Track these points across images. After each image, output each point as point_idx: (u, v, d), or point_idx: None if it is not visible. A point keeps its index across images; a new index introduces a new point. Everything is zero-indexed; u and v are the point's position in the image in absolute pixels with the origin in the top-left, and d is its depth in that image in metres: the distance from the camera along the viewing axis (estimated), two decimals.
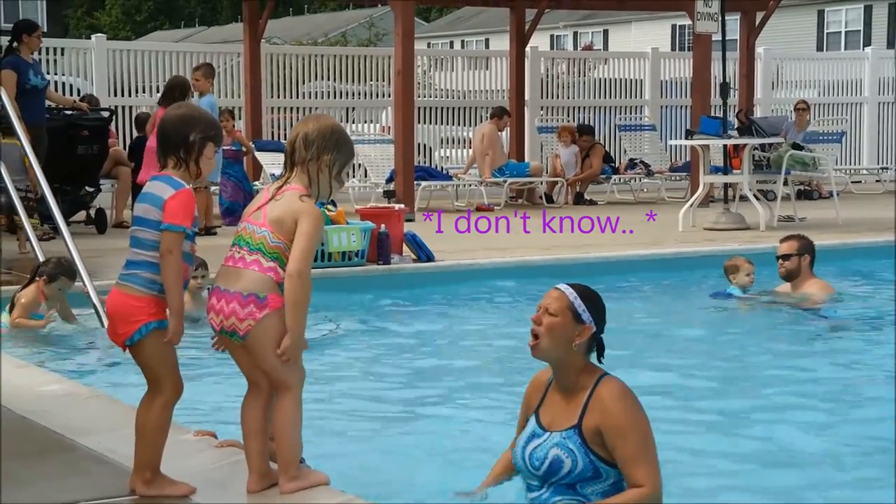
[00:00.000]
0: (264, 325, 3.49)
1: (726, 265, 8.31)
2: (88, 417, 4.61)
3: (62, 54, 14.94)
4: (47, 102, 11.28)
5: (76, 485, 3.78)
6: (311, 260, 3.52)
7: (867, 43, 28.69)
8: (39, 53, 13.29)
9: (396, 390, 6.07)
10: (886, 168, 18.51)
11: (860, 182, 18.38)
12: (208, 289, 7.45)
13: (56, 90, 13.50)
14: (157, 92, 13.21)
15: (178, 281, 3.56)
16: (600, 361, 3.74)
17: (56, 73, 14.42)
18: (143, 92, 15.19)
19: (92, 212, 11.70)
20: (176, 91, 11.29)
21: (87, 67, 14.95)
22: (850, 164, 18.73)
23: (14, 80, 10.42)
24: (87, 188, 11.70)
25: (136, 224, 3.64)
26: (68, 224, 8.30)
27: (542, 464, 3.65)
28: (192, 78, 11.78)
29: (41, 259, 7.55)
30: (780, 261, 8.02)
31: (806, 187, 15.68)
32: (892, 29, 32.73)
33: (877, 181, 18.24)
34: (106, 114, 12.27)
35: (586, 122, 16.94)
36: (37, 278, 7.09)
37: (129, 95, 15.10)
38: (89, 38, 15.58)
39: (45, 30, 13.15)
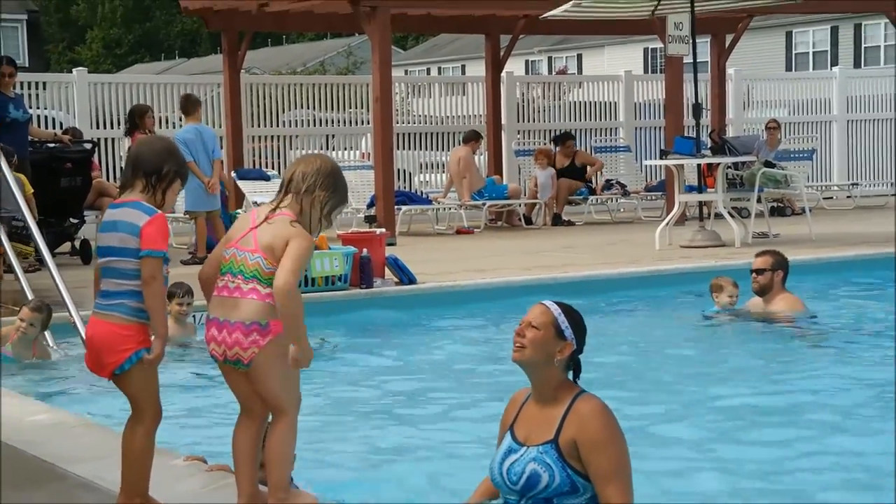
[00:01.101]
0: (268, 350, 3.54)
1: (711, 284, 8.39)
2: (77, 446, 4.65)
3: (44, 88, 15.09)
4: (30, 137, 11.43)
5: None
6: (298, 276, 3.53)
7: (834, 62, 29.09)
8: (21, 88, 13.45)
9: (382, 411, 6.13)
10: (856, 184, 18.81)
11: (831, 198, 18.66)
12: (193, 315, 7.66)
13: (39, 124, 13.67)
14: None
15: (162, 305, 3.62)
16: (576, 381, 3.75)
17: (38, 107, 14.57)
18: (126, 124, 15.33)
19: (77, 243, 11.79)
20: (135, 116, 11.75)
21: (69, 101, 15.11)
22: (821, 180, 19.03)
23: None
24: (71, 220, 11.81)
25: (111, 255, 3.63)
26: (53, 255, 8.37)
27: (519, 478, 3.65)
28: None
29: (25, 288, 7.63)
30: (754, 275, 8.12)
31: (779, 204, 15.91)
32: (858, 48, 33.25)
33: (847, 197, 18.52)
34: (88, 146, 12.40)
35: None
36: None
37: (112, 127, 15.25)
38: (71, 72, 15.76)
39: (28, 65, 13.30)
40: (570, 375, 3.75)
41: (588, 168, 16.20)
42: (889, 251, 11.23)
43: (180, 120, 15.94)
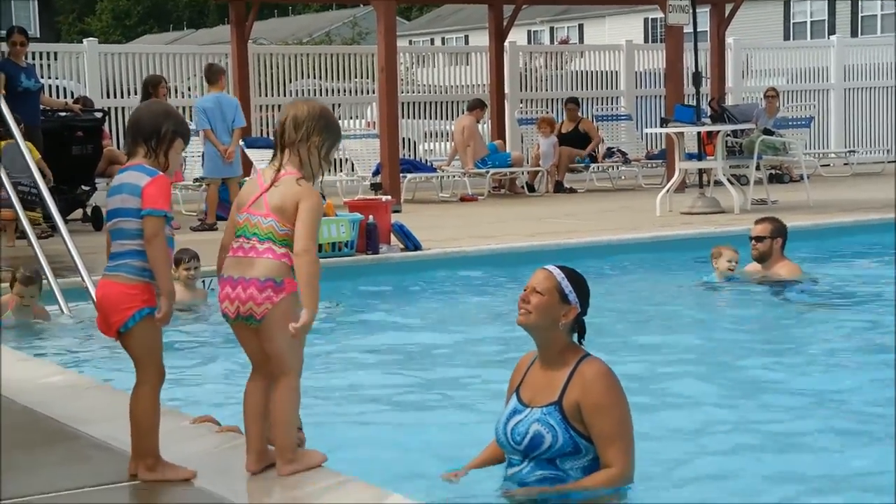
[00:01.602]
0: (281, 307, 3.56)
1: (712, 251, 8.43)
2: (90, 407, 4.66)
3: (55, 59, 15.27)
4: (42, 106, 11.63)
5: (80, 472, 3.83)
6: (315, 237, 3.59)
7: (832, 32, 29.17)
8: (33, 58, 13.64)
9: (389, 376, 6.16)
10: (853, 151, 18.97)
11: (829, 165, 18.83)
12: (202, 280, 7.85)
13: (50, 93, 13.85)
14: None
15: (166, 263, 3.61)
16: (581, 342, 3.79)
17: (50, 77, 14.74)
18: (135, 94, 15.53)
19: (88, 210, 11.98)
20: (149, 86, 11.85)
21: (79, 71, 15.27)
22: (819, 148, 19.19)
23: (2, 82, 10.57)
24: (82, 187, 11.99)
25: (115, 216, 3.67)
26: (66, 222, 8.46)
27: (523, 439, 3.70)
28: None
29: (39, 254, 7.77)
30: (754, 242, 8.17)
31: (777, 171, 16.10)
32: (855, 18, 33.31)
33: (845, 164, 18.68)
34: (99, 115, 12.60)
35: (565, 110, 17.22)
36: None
37: (122, 97, 15.43)
38: (81, 43, 15.93)
39: (39, 35, 13.48)
40: (575, 337, 3.80)
41: (589, 138, 16.38)
42: (885, 217, 11.46)
43: (188, 90, 16.22)
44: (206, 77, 12.28)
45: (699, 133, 12.80)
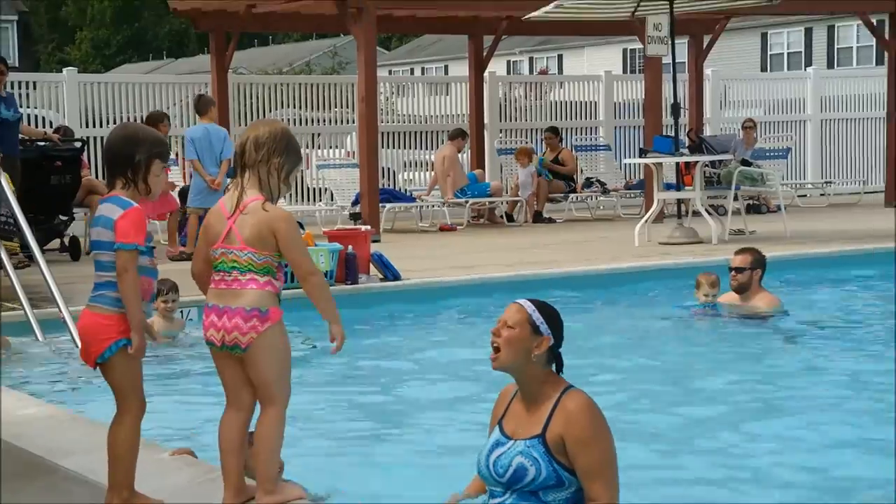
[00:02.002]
0: (266, 336, 3.57)
1: (696, 279, 8.48)
2: (68, 440, 4.64)
3: (34, 88, 15.26)
4: (20, 136, 11.60)
5: None
6: (308, 255, 3.68)
7: (808, 63, 29.44)
8: (12, 87, 13.62)
9: (369, 406, 6.18)
10: (830, 182, 19.14)
11: (805, 196, 18.98)
12: (181, 311, 7.82)
13: (29, 123, 13.82)
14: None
15: (135, 297, 3.60)
16: (559, 374, 3.75)
17: (29, 107, 14.73)
18: (115, 123, 15.53)
19: (66, 240, 11.94)
20: (150, 123, 11.76)
21: (58, 100, 15.27)
22: (796, 179, 19.34)
23: None
24: (60, 217, 11.93)
25: (94, 248, 3.70)
26: (43, 252, 8.42)
27: (506, 471, 3.67)
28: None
29: (15, 284, 7.69)
30: (733, 273, 8.21)
31: (755, 202, 16.18)
32: (832, 49, 33.67)
33: (821, 195, 18.82)
34: (78, 144, 12.57)
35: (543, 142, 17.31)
36: None
37: (101, 126, 15.42)
38: (61, 72, 15.93)
39: (18, 65, 13.46)
40: (553, 369, 3.77)
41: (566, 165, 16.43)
42: (861, 248, 11.55)
43: (168, 119, 16.18)
44: (195, 107, 12.34)
45: (677, 164, 12.86)
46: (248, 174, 3.63)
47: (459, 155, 15.79)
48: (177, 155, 15.18)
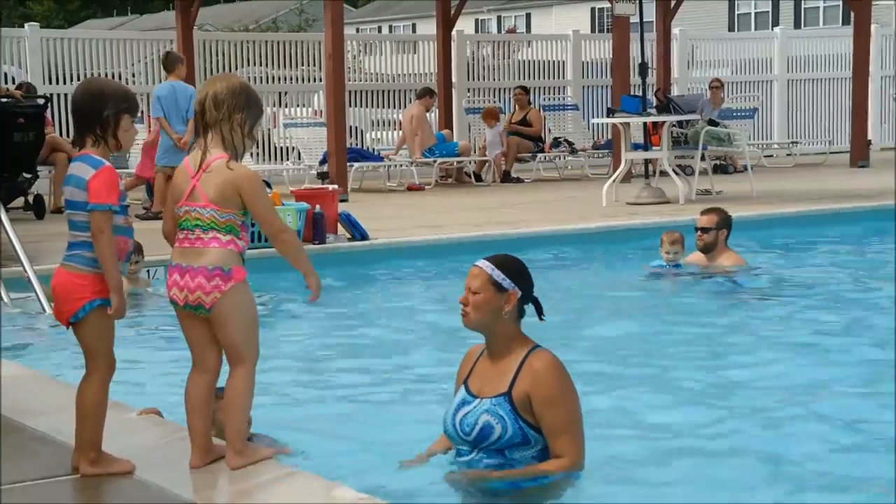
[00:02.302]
0: (230, 296, 3.54)
1: (661, 237, 8.49)
2: (34, 400, 4.64)
3: None
4: None
5: (24, 465, 3.81)
6: (276, 213, 3.67)
7: (776, 23, 29.52)
8: None
9: (337, 368, 6.15)
10: (796, 142, 19.26)
11: (772, 156, 19.10)
12: (147, 270, 7.78)
13: None
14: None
15: (112, 258, 3.56)
16: (541, 320, 3.81)
17: None
18: (78, 80, 15.33)
19: (30, 198, 11.88)
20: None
21: (21, 56, 15.06)
22: (763, 139, 19.44)
23: None
24: (24, 175, 11.81)
25: (68, 208, 3.65)
26: (7, 210, 8.35)
27: (472, 430, 3.71)
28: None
29: None
30: (699, 233, 8.23)
31: (722, 162, 16.25)
32: (798, 9, 33.76)
33: (787, 155, 18.96)
34: (41, 101, 12.42)
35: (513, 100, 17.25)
36: None
37: (64, 83, 15.22)
38: (23, 28, 15.70)
39: None
40: (522, 324, 3.79)
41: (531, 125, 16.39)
42: (827, 207, 11.66)
43: (132, 76, 16.04)
44: (163, 64, 12.22)
45: (645, 124, 12.89)
46: (211, 133, 3.58)
47: (427, 114, 15.73)
48: (142, 113, 15.03)
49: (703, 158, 13.25)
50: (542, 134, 16.67)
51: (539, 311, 3.83)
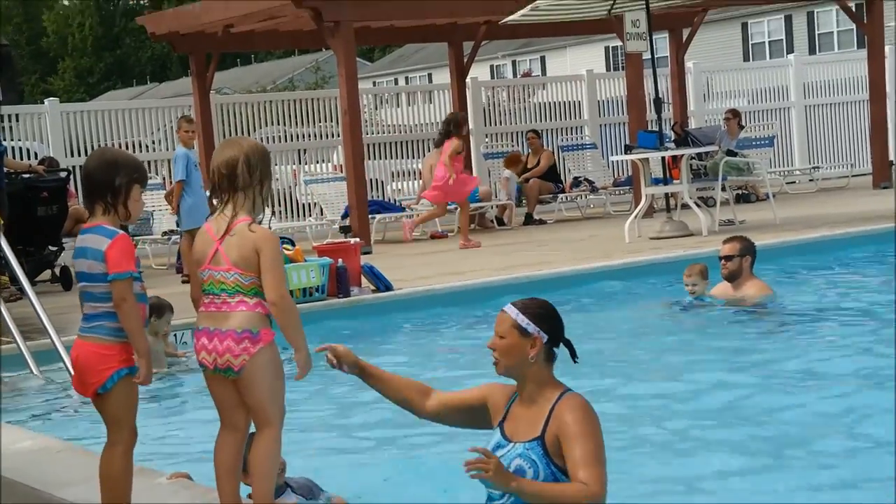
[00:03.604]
0: (258, 358, 3.54)
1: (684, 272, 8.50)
2: (63, 471, 4.66)
3: (17, 120, 15.26)
4: (5, 169, 11.59)
5: None
6: (284, 282, 3.60)
7: (790, 50, 29.51)
8: None
9: (370, 419, 6.10)
10: (817, 167, 19.19)
11: (794, 182, 19.02)
12: (174, 334, 7.78)
13: (14, 156, 13.83)
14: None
15: (139, 325, 3.61)
16: (574, 362, 3.80)
17: (12, 139, 14.73)
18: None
19: (56, 270, 11.94)
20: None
21: (42, 131, 15.27)
22: (783, 166, 19.38)
23: None
24: (50, 248, 11.94)
25: (84, 280, 3.66)
26: (34, 284, 8.47)
27: None
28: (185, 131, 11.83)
29: (6, 318, 7.66)
30: (723, 261, 8.23)
31: (743, 191, 16.22)
32: (812, 35, 33.77)
33: (810, 180, 18.89)
34: (63, 174, 12.57)
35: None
36: None
37: (86, 155, 15.40)
38: (42, 103, 15.94)
39: (1, 97, 13.45)
40: (554, 368, 3.78)
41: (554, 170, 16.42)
42: (851, 231, 11.57)
43: (152, 143, 16.22)
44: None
45: (664, 158, 12.89)
46: (241, 197, 3.60)
47: None
48: (164, 179, 15.21)
49: (723, 189, 13.21)
50: (557, 171, 16.69)
51: (573, 354, 3.82)
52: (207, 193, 14.48)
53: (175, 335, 7.96)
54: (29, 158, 14.12)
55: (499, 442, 3.79)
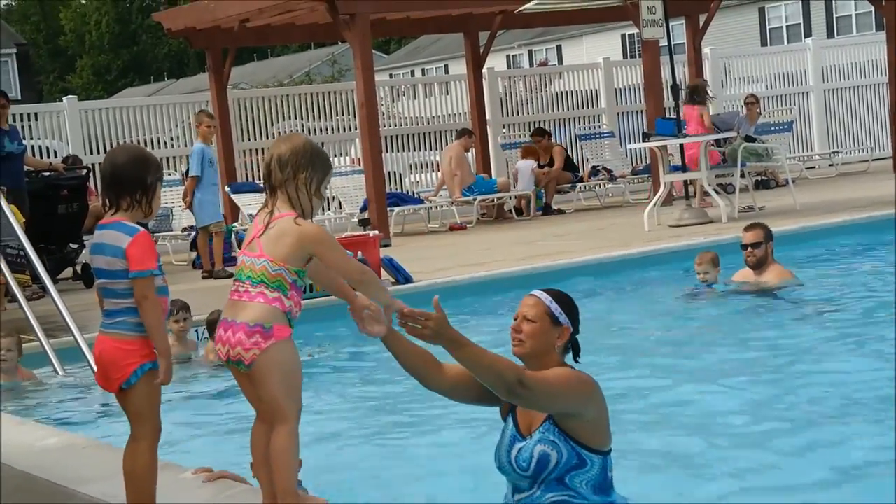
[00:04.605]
0: (269, 354, 3.51)
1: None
2: (87, 467, 4.66)
3: (36, 119, 15.33)
4: (26, 167, 11.67)
5: None
6: (349, 259, 3.66)
7: (807, 34, 29.37)
8: (14, 120, 13.70)
9: (390, 413, 6.17)
10: (837, 152, 19.07)
11: (814, 167, 18.94)
12: (195, 330, 7.81)
13: (34, 154, 13.90)
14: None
15: (160, 323, 3.60)
16: (577, 361, 3.81)
17: (32, 138, 14.81)
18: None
19: (78, 267, 12.00)
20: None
21: (61, 129, 15.34)
22: (803, 151, 19.29)
23: None
24: (71, 245, 12.00)
25: (103, 277, 3.64)
26: (56, 282, 8.46)
27: (529, 464, 3.72)
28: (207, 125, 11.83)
29: (29, 316, 7.69)
30: (750, 249, 8.18)
31: (763, 177, 16.16)
32: (830, 19, 33.55)
33: (829, 165, 18.79)
34: (83, 172, 12.64)
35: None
36: None
37: (105, 152, 15.45)
38: (61, 102, 16.01)
39: (20, 97, 13.54)
40: (570, 357, 3.81)
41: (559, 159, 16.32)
42: (871, 215, 11.50)
43: (171, 139, 16.28)
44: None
45: (682, 145, 12.85)
46: (278, 194, 3.60)
47: (466, 154, 15.78)
48: (184, 175, 15.23)
49: (743, 175, 13.16)
50: (573, 161, 16.61)
51: (576, 353, 3.83)
52: (227, 189, 14.59)
53: (196, 331, 7.97)
54: (48, 157, 14.19)
55: (514, 436, 3.80)
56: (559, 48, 41.40)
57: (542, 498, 3.75)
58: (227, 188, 14.67)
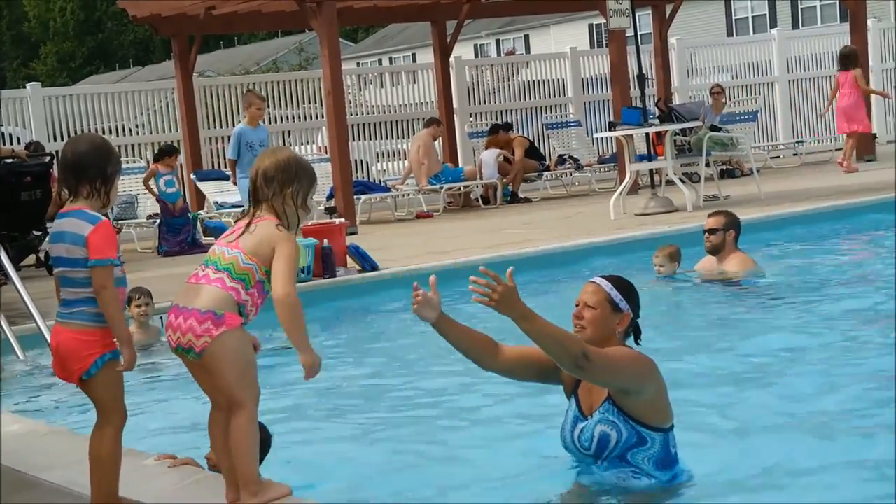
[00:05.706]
0: (220, 342, 3.47)
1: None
2: (49, 453, 4.65)
3: None
4: None
5: None
6: (294, 281, 3.53)
7: (773, 25, 29.53)
8: None
9: (357, 400, 6.15)
10: (801, 141, 19.22)
11: (778, 157, 19.08)
12: (160, 317, 7.77)
13: None
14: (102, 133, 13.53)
15: (120, 312, 3.58)
16: (637, 343, 3.91)
17: None
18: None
19: (41, 255, 11.94)
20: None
21: (24, 116, 15.20)
22: (768, 140, 19.42)
23: None
24: (34, 233, 11.90)
25: (62, 265, 3.61)
26: (19, 269, 8.45)
27: (591, 443, 3.82)
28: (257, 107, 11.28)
29: None
30: (707, 235, 8.25)
31: (728, 166, 16.25)
32: (795, 10, 33.76)
33: (794, 154, 18.94)
34: (46, 159, 12.53)
35: (508, 122, 17.15)
36: None
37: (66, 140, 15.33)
38: (24, 88, 15.86)
39: None
40: (631, 341, 3.91)
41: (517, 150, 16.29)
42: (834, 204, 11.61)
43: (135, 127, 16.16)
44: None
45: (648, 134, 12.90)
46: (264, 207, 3.61)
47: (434, 142, 15.77)
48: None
49: (708, 164, 13.23)
50: (538, 149, 16.61)
51: (637, 336, 3.94)
52: (192, 176, 14.47)
53: (161, 318, 7.92)
54: (11, 143, 14.05)
55: (576, 416, 3.89)
56: (527, 38, 41.45)
57: (605, 473, 3.85)
58: (192, 175, 14.62)
